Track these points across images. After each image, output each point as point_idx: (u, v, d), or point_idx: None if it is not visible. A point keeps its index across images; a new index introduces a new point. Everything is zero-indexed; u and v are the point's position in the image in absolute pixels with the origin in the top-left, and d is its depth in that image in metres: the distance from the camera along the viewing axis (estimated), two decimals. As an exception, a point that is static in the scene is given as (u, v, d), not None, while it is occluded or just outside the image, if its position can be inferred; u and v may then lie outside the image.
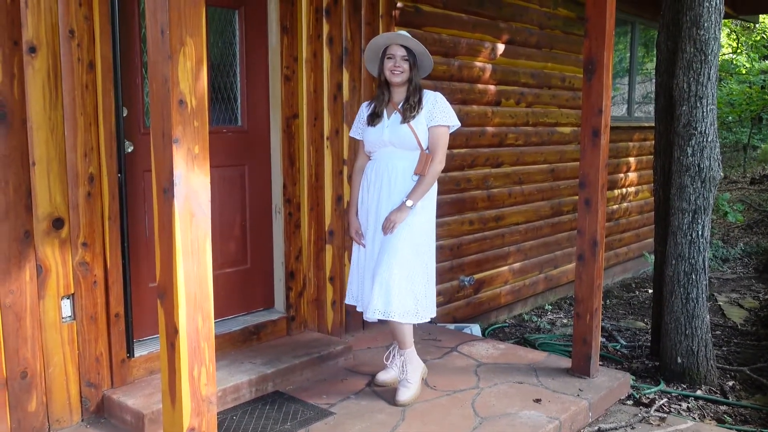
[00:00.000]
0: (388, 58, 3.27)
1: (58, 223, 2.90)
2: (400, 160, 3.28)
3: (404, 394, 3.29)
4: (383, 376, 3.51)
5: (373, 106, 3.39)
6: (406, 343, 3.34)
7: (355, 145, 3.58)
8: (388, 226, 3.21)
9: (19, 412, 2.83)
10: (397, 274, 3.18)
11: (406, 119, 3.24)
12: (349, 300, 3.52)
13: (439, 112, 3.28)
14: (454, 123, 3.32)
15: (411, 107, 3.25)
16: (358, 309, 3.43)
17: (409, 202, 3.21)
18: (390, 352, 3.58)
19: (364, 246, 3.40)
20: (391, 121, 3.29)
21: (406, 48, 3.26)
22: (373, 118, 3.34)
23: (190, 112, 2.02)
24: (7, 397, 2.80)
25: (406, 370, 3.35)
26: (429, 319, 3.33)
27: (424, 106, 3.27)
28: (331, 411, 3.20)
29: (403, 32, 3.33)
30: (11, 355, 2.79)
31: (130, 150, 3.25)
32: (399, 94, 3.32)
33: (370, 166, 3.39)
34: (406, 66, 3.25)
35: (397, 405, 3.26)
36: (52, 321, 2.91)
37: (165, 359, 2.14)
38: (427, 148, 3.29)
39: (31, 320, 2.84)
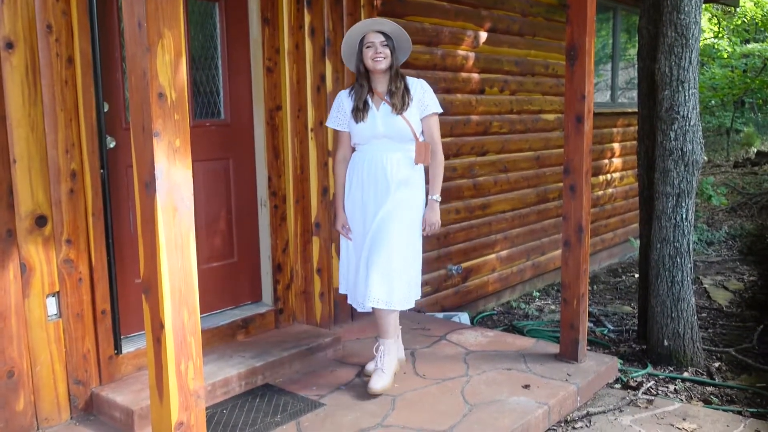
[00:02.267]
0: (367, 47, 3.22)
1: (41, 221, 2.87)
2: (395, 152, 3.26)
3: (379, 382, 3.23)
4: (373, 367, 3.50)
5: (353, 98, 3.32)
6: (390, 332, 3.33)
7: (336, 135, 3.53)
8: (434, 228, 3.32)
9: (7, 411, 2.82)
10: (396, 263, 3.19)
11: (398, 110, 3.22)
12: (343, 289, 3.50)
13: (430, 101, 3.30)
14: (441, 109, 3.36)
15: (400, 96, 3.23)
16: (350, 301, 3.41)
17: (436, 197, 3.30)
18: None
19: (350, 239, 3.39)
20: (381, 112, 3.25)
21: (384, 33, 3.22)
22: (359, 113, 3.27)
23: (170, 105, 2.00)
24: (-6, 397, 2.78)
25: (383, 360, 3.30)
26: (414, 304, 3.34)
27: (413, 95, 3.26)
28: (321, 402, 3.20)
29: (377, 18, 3.28)
30: (-3, 355, 2.78)
31: (112, 145, 3.22)
32: (382, 83, 3.28)
33: (359, 159, 3.33)
34: (387, 51, 3.22)
35: (371, 393, 3.21)
36: (37, 319, 2.89)
37: (151, 354, 2.13)
38: (422, 134, 3.30)
39: (17, 319, 2.82)
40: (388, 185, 3.24)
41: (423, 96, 3.28)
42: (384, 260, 3.17)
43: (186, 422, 2.13)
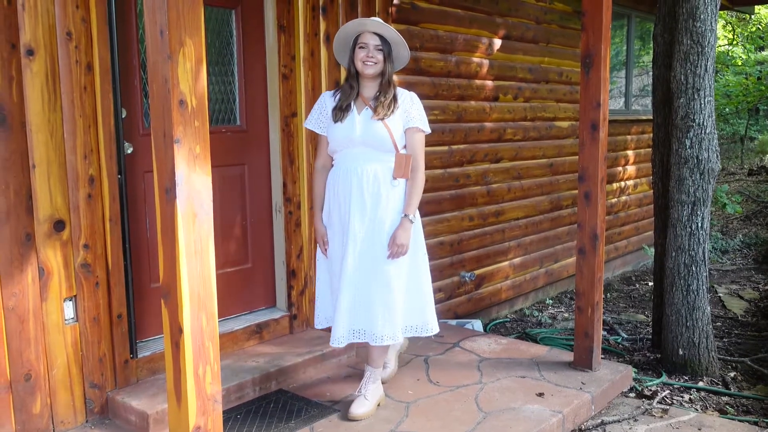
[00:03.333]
0: (360, 47, 2.99)
1: (59, 225, 2.90)
2: (373, 162, 3.00)
3: (360, 408, 3.09)
4: (385, 373, 3.51)
5: (338, 98, 3.08)
6: (378, 361, 3.20)
7: (316, 140, 3.28)
8: (400, 252, 2.97)
9: (24, 414, 2.84)
10: (399, 299, 3.02)
11: (380, 116, 2.96)
12: (320, 324, 3.27)
13: (416, 114, 3.04)
14: (428, 130, 3.11)
15: (385, 104, 2.99)
16: (334, 343, 3.08)
17: (411, 217, 3.00)
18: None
19: (326, 256, 3.18)
20: (362, 117, 3.00)
21: (381, 37, 2.99)
22: (339, 113, 3.02)
23: (190, 112, 2.02)
24: (12, 400, 2.80)
25: (368, 387, 3.16)
26: (437, 330, 3.19)
27: (399, 105, 3.02)
28: (335, 408, 3.21)
29: (377, 18, 3.05)
30: (15, 358, 2.80)
31: (129, 151, 3.25)
32: (370, 88, 3.05)
33: (334, 172, 3.10)
34: (380, 57, 2.98)
35: (351, 418, 3.06)
36: (54, 323, 2.92)
37: (170, 359, 2.14)
38: (404, 148, 3.05)
39: (34, 322, 2.85)
40: (364, 203, 3.00)
41: (410, 107, 3.03)
42: (385, 297, 3.00)
43: (203, 427, 2.14)
